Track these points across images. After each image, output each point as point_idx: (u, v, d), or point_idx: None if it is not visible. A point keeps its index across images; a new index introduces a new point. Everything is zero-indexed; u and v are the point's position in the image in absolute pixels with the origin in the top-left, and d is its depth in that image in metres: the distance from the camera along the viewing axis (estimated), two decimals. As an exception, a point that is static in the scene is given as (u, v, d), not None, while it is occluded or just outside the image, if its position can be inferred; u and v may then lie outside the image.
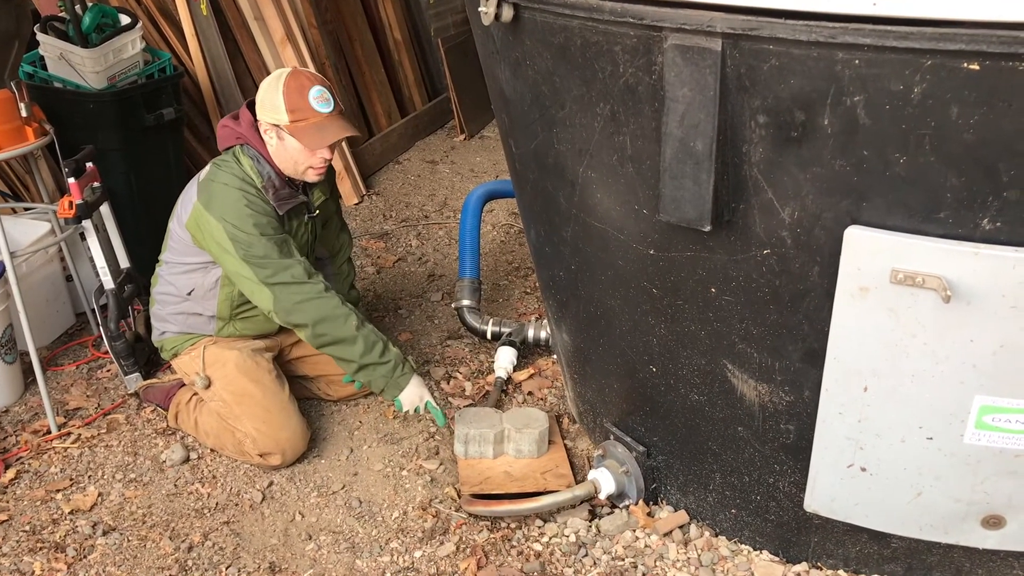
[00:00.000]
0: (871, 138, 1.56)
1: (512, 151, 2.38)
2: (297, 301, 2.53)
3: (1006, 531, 1.90)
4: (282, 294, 2.52)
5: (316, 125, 2.54)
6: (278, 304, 2.54)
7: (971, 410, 1.75)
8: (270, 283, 2.52)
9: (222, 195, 2.56)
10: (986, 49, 1.40)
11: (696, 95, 1.66)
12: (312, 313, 2.53)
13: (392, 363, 2.61)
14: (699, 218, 1.78)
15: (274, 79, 2.56)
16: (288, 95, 2.52)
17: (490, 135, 5.87)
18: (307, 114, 2.53)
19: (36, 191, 3.49)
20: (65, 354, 3.37)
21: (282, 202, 2.63)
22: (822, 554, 2.21)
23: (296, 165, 2.62)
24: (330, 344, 2.57)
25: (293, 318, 2.55)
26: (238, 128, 2.65)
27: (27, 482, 2.68)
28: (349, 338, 2.56)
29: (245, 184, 2.58)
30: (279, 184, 2.63)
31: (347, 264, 3.19)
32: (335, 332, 2.55)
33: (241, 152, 2.64)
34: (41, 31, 3.40)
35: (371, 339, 2.58)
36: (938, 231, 1.61)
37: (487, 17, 1.94)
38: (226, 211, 2.53)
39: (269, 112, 2.55)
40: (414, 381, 2.66)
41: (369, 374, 2.61)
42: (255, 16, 4.60)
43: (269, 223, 2.57)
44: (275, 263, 2.52)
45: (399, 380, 2.63)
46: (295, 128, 2.53)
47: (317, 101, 2.54)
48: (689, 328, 2.04)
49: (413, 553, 2.38)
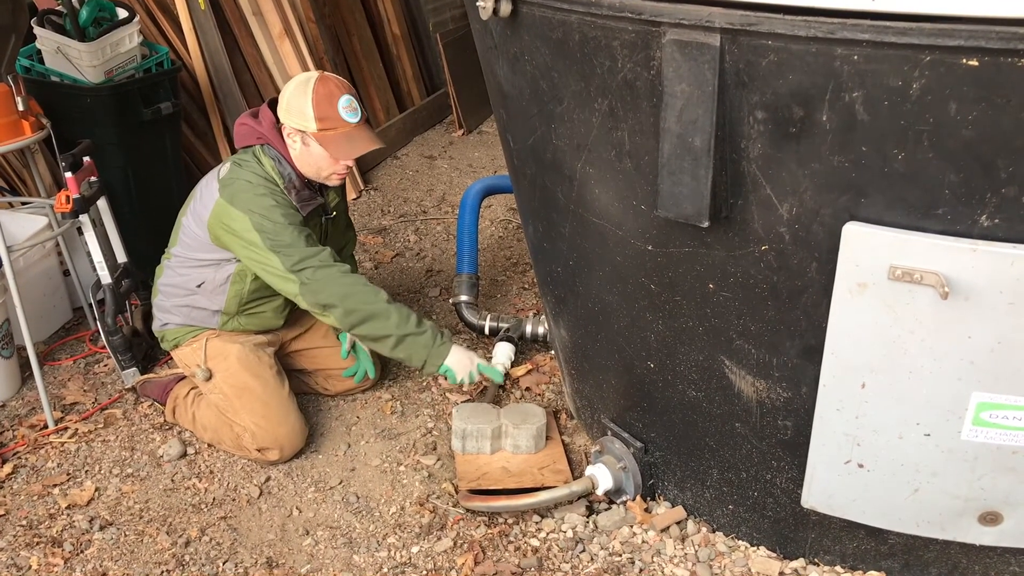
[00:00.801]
0: (869, 134, 1.56)
1: (510, 146, 2.38)
2: (325, 283, 2.50)
3: (1003, 527, 1.90)
4: (310, 278, 2.50)
5: (345, 135, 2.55)
6: (305, 288, 2.51)
7: (968, 406, 1.75)
8: (297, 270, 2.50)
9: (247, 190, 2.55)
10: (985, 45, 1.40)
11: (694, 90, 1.66)
12: (341, 291, 2.51)
13: (430, 332, 2.57)
14: (697, 214, 1.78)
15: (302, 84, 2.54)
16: (317, 103, 2.51)
17: (488, 130, 5.86)
18: (336, 123, 2.53)
19: (33, 185, 3.48)
20: (62, 349, 3.36)
21: (304, 203, 2.63)
22: (819, 550, 2.21)
23: (319, 171, 2.62)
24: (363, 322, 2.52)
25: (322, 298, 2.51)
26: (259, 128, 2.64)
27: (24, 477, 2.68)
28: (382, 312, 2.52)
29: (268, 183, 2.58)
30: (299, 185, 2.64)
31: (350, 259, 3.18)
32: (367, 307, 2.52)
33: (262, 152, 2.64)
34: (38, 24, 3.39)
35: (404, 311, 2.56)
36: (936, 227, 1.61)
37: (485, 12, 1.94)
38: (252, 203, 2.53)
39: (296, 118, 2.54)
40: (456, 347, 2.61)
41: (409, 347, 2.56)
42: (253, 11, 4.59)
43: (294, 214, 2.57)
44: (302, 251, 2.51)
45: (441, 349, 2.57)
46: (323, 137, 2.52)
47: (346, 111, 2.54)
48: (687, 324, 2.04)
49: (410, 548, 2.38)
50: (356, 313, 2.52)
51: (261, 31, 4.62)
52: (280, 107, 2.59)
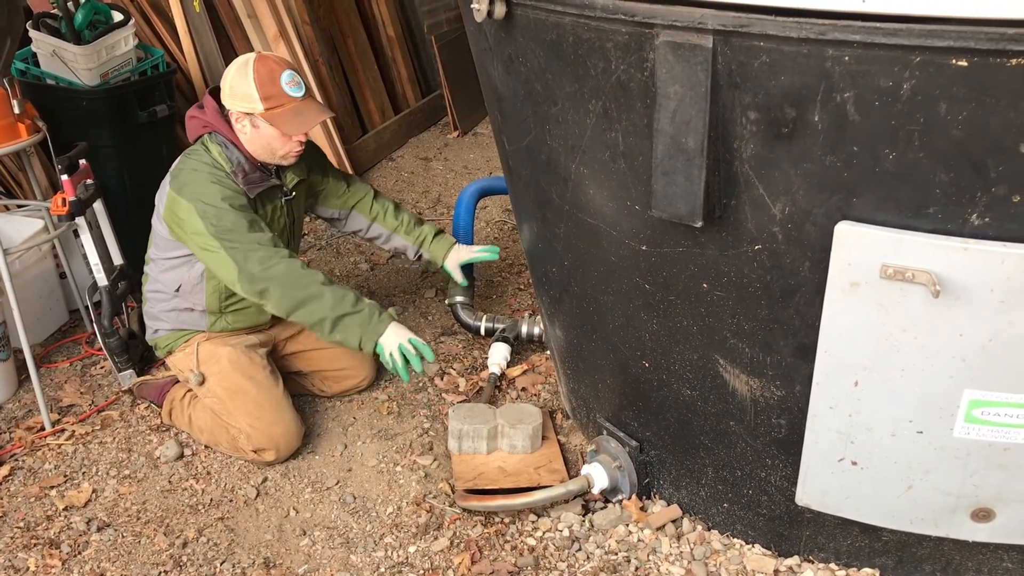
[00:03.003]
0: (861, 134, 1.57)
1: (505, 148, 2.39)
2: (260, 266, 2.48)
3: (995, 524, 1.91)
4: (245, 262, 2.48)
5: (292, 110, 2.54)
6: (242, 273, 2.49)
7: (960, 404, 1.76)
8: (235, 254, 2.48)
9: (192, 179, 2.56)
10: (974, 46, 1.41)
11: (687, 91, 1.67)
12: (275, 275, 2.48)
13: (366, 311, 2.52)
14: (691, 214, 1.79)
15: (242, 66, 2.54)
16: (260, 83, 2.50)
17: (483, 132, 5.87)
18: (281, 100, 2.52)
19: (29, 188, 3.49)
20: (59, 351, 3.37)
21: (252, 185, 2.62)
22: (814, 547, 2.22)
23: (274, 152, 2.61)
24: (299, 306, 2.49)
25: (258, 285, 2.49)
26: (204, 117, 2.65)
27: (21, 479, 2.68)
28: (316, 294, 2.48)
29: (214, 169, 2.58)
30: (249, 168, 2.63)
31: (376, 202, 3.08)
32: (301, 291, 2.48)
33: (209, 140, 2.64)
34: (34, 28, 3.39)
35: (340, 292, 2.52)
36: (928, 226, 1.62)
37: (480, 14, 1.95)
38: (197, 190, 2.53)
39: (241, 101, 2.54)
40: (393, 326, 2.54)
41: (345, 329, 2.50)
42: (248, 13, 4.59)
43: (237, 198, 2.56)
44: (243, 236, 2.50)
45: (377, 327, 2.51)
46: (271, 115, 2.52)
47: (290, 86, 2.53)
48: (681, 323, 2.05)
49: (407, 548, 2.39)
50: (291, 298, 2.48)
51: (256, 34, 4.62)
52: (223, 94, 2.59)
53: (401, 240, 3.11)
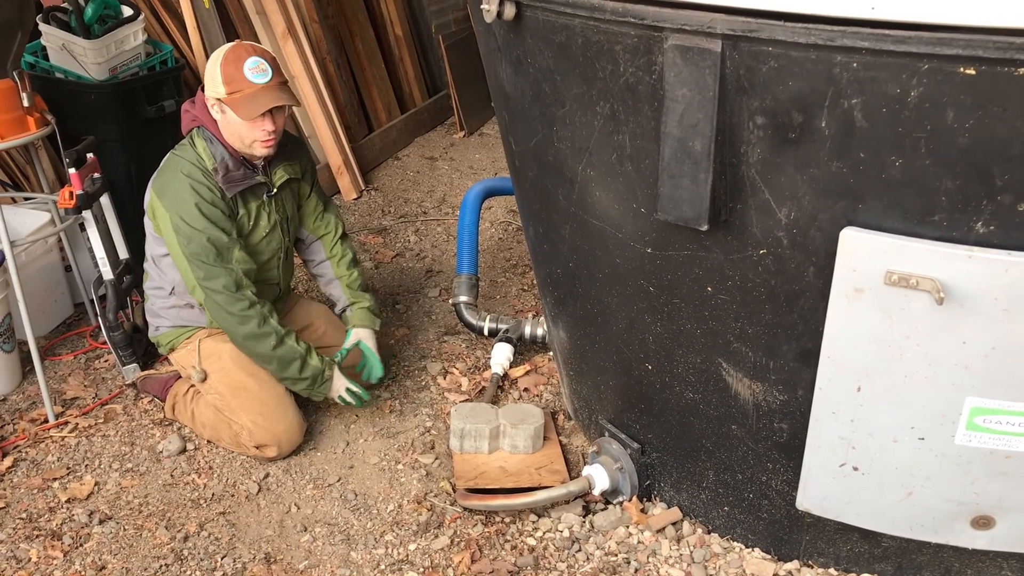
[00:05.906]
0: (868, 140, 1.58)
1: (512, 148, 2.40)
2: (220, 312, 2.59)
3: (995, 532, 1.92)
4: (208, 300, 2.59)
5: (250, 96, 2.52)
6: (207, 307, 2.63)
7: (962, 411, 1.76)
8: (202, 285, 2.57)
9: (172, 185, 2.57)
10: (982, 54, 1.42)
11: (695, 95, 1.67)
12: (231, 328, 2.61)
13: (310, 380, 2.68)
14: (696, 217, 1.80)
15: (216, 53, 2.55)
16: (224, 67, 2.51)
17: (490, 132, 5.87)
18: (241, 85, 2.51)
19: (36, 181, 3.49)
20: (63, 344, 3.38)
21: (231, 184, 2.61)
22: (813, 552, 2.22)
23: (242, 139, 2.59)
24: (252, 356, 2.67)
25: (217, 325, 2.67)
26: (194, 110, 2.65)
27: (24, 470, 2.69)
28: (266, 356, 2.63)
29: (195, 169, 2.58)
30: (232, 166, 2.62)
31: (340, 245, 3.04)
32: (254, 349, 2.63)
33: (197, 134, 2.65)
34: (43, 21, 3.40)
35: (288, 357, 2.63)
36: (932, 233, 1.63)
37: (489, 15, 1.95)
38: (174, 201, 2.55)
39: (211, 86, 2.55)
40: (335, 380, 2.75)
41: (291, 386, 2.73)
42: (257, 10, 4.60)
43: (214, 207, 2.57)
44: (207, 267, 2.54)
45: (320, 389, 2.72)
46: (231, 100, 2.51)
47: (252, 72, 2.52)
48: (685, 326, 2.06)
49: (408, 546, 2.40)
50: (245, 349, 2.67)
51: (264, 30, 4.63)
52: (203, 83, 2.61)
53: (339, 292, 3.04)
